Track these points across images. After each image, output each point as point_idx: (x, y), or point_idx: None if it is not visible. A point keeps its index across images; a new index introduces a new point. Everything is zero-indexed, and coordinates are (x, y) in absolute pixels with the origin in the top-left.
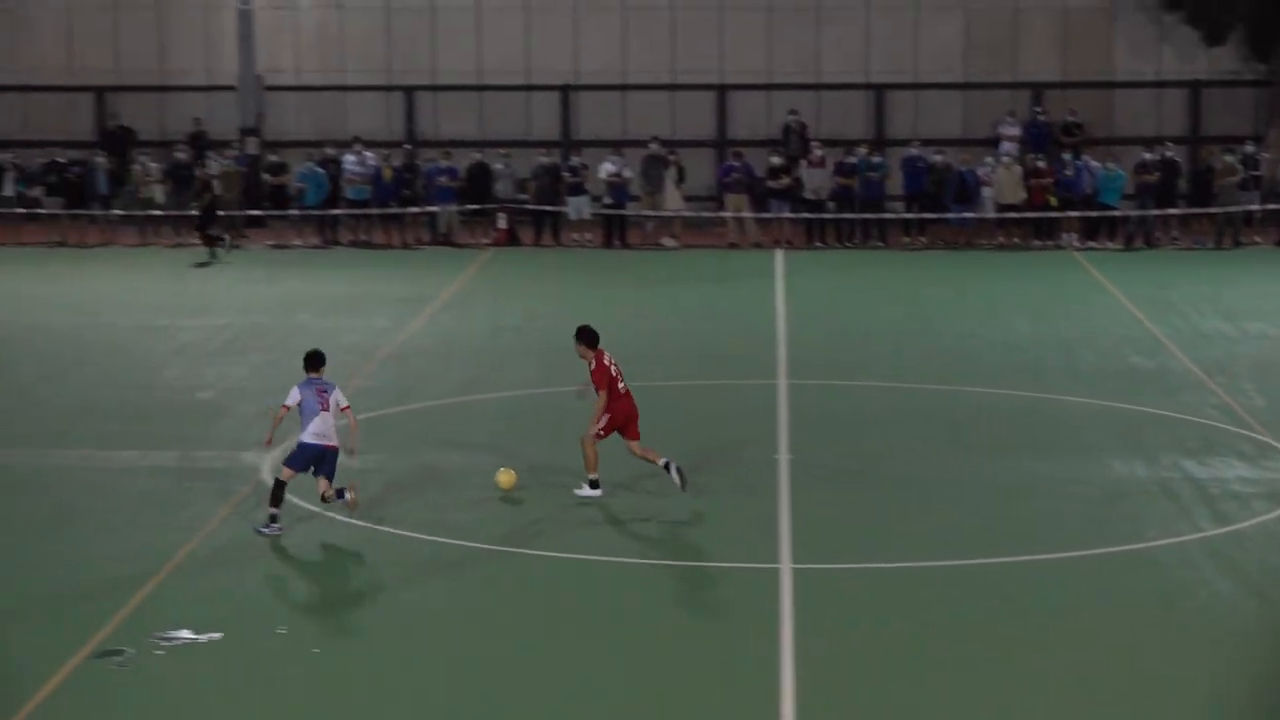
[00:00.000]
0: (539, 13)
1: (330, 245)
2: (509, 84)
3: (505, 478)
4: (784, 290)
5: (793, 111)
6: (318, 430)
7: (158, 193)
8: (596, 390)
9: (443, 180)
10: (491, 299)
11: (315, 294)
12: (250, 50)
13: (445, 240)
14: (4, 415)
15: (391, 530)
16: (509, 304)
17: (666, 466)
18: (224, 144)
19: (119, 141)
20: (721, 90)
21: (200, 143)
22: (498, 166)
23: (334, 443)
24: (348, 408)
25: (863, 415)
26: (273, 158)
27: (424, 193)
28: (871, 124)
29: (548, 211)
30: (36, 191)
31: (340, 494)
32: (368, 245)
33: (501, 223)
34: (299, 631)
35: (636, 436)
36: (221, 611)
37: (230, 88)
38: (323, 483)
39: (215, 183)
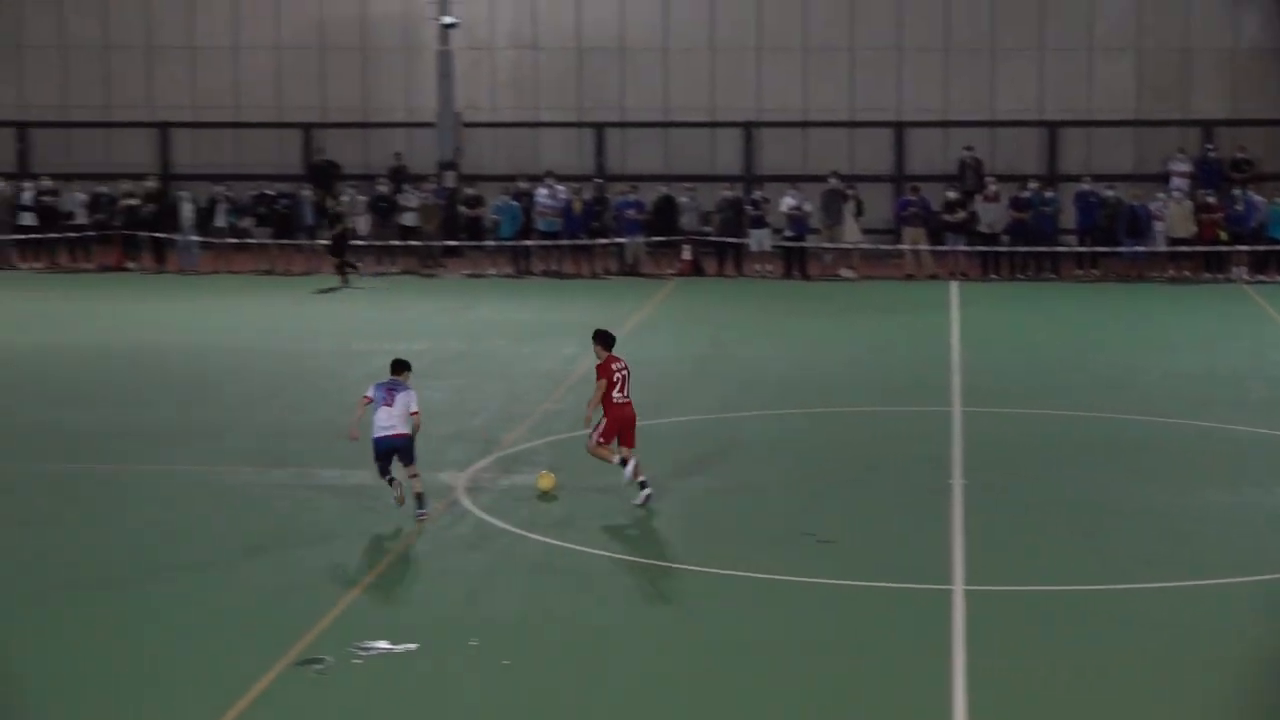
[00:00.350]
0: (724, 53)
1: (523, 275)
2: (694, 121)
3: (545, 481)
4: (959, 320)
5: (968, 148)
6: (383, 423)
7: (361, 223)
8: (596, 379)
9: (630, 213)
10: (675, 327)
11: (508, 321)
12: (449, 89)
13: (632, 270)
14: (221, 435)
15: (577, 547)
16: (692, 332)
17: (640, 479)
18: (423, 177)
19: (325, 174)
20: (899, 127)
21: (400, 176)
22: (683, 200)
23: (402, 430)
24: (417, 413)
25: (1036, 442)
26: (469, 191)
27: (612, 225)
28: (1045, 160)
29: (730, 243)
30: (247, 222)
31: (392, 481)
32: (558, 275)
33: (686, 254)
34: (490, 644)
35: (632, 444)
36: (417, 623)
37: (430, 124)
38: (402, 470)
39: (346, 214)
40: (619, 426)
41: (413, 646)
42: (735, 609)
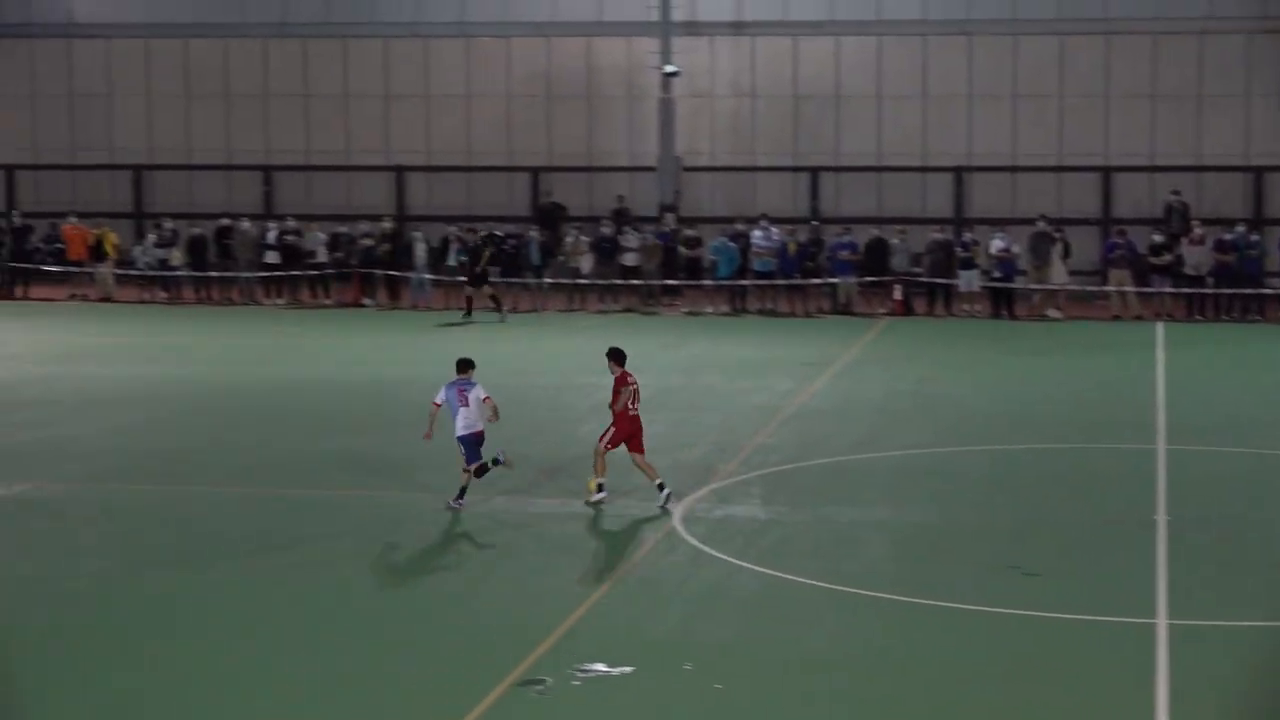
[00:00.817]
0: (935, 100)
1: (739, 313)
2: (906, 165)
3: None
4: (1164, 360)
5: (1174, 191)
6: (464, 423)
7: (584, 263)
8: (613, 395)
9: (843, 254)
10: (886, 364)
11: (724, 357)
12: (670, 134)
13: (844, 309)
14: (447, 465)
15: (790, 577)
16: (902, 369)
17: (660, 486)
18: (644, 219)
19: (551, 216)
20: (1106, 172)
21: (622, 218)
22: (894, 242)
23: (480, 427)
24: (488, 398)
25: (1241, 480)
26: (688, 232)
27: (826, 265)
28: (1250, 204)
29: (940, 284)
30: None
31: (497, 460)
32: (773, 313)
33: (897, 294)
34: (704, 668)
35: (641, 450)
36: (633, 647)
37: (651, 168)
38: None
39: (487, 250)
40: (625, 435)
41: (629, 669)
42: (942, 639)
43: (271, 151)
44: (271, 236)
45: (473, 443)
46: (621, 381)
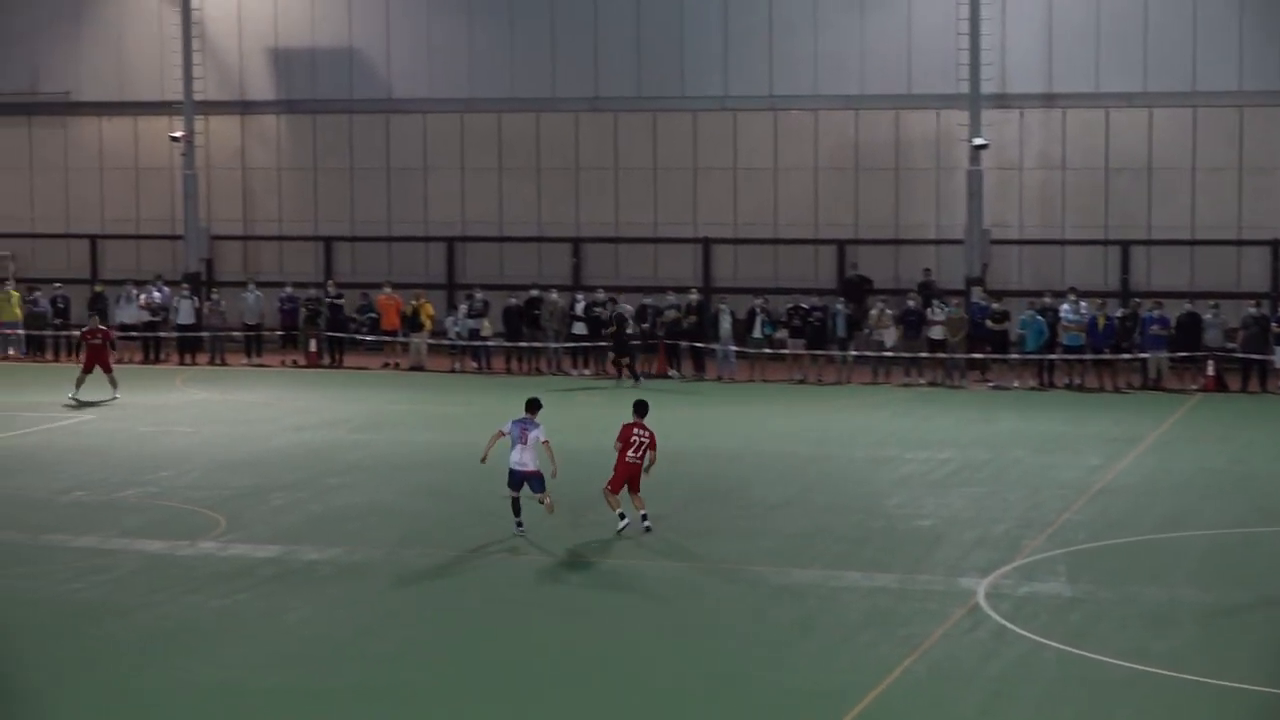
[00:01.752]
0: (1251, 172)
1: (1046, 388)
2: (1220, 239)
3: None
4: None
5: None
6: (516, 459)
7: (889, 336)
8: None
9: (1155, 329)
10: (1197, 441)
11: (1031, 432)
12: (978, 207)
13: (1155, 385)
14: (751, 534)
15: (1096, 657)
16: (1214, 448)
17: (644, 517)
18: (951, 292)
19: (857, 289)
20: None
21: (929, 291)
22: (1207, 316)
23: (533, 468)
24: (547, 442)
25: None
26: (995, 306)
27: (1136, 340)
28: None
29: (1255, 360)
30: (782, 334)
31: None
32: (1081, 388)
33: (1210, 370)
34: None
35: (638, 490)
36: None
37: (958, 241)
38: (542, 497)
39: (629, 319)
40: (624, 478)
41: None
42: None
43: (581, 223)
44: (579, 308)
45: (522, 478)
46: (627, 431)
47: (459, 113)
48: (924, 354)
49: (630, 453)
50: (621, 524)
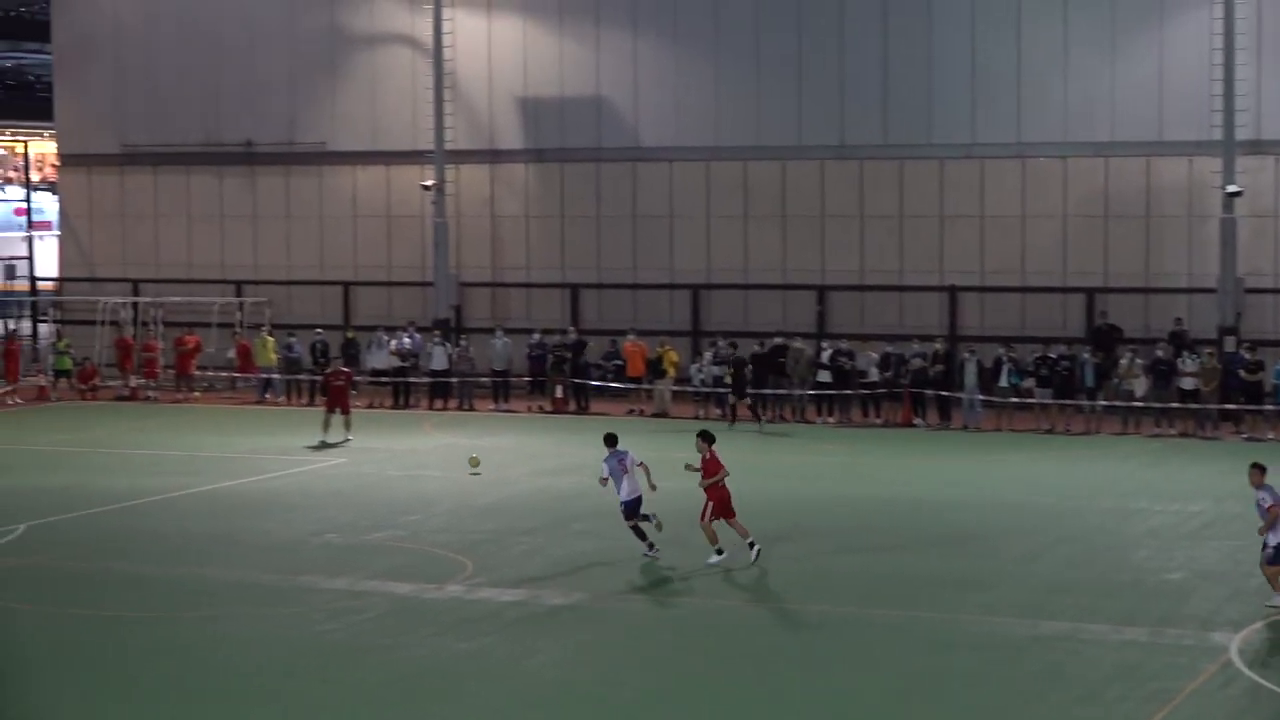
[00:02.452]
0: None
1: None
2: None
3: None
4: None
5: None
6: (628, 489)
7: (1139, 385)
8: (705, 475)
9: None
10: None
11: None
12: (1232, 255)
13: None
14: (994, 585)
15: None
16: None
17: (751, 544)
18: (1203, 342)
19: (1106, 338)
20: None
21: (1180, 341)
22: None
23: (640, 493)
24: (642, 464)
25: None
26: (1250, 355)
27: None
28: None
29: None
30: (1029, 383)
31: (649, 517)
32: None
33: None
34: None
35: (734, 514)
36: None
37: (1210, 290)
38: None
39: (747, 363)
40: (722, 503)
41: None
42: None
43: (826, 271)
44: (825, 356)
45: (636, 505)
46: (713, 459)
47: (705, 161)
48: (1175, 404)
49: (722, 476)
50: (717, 558)
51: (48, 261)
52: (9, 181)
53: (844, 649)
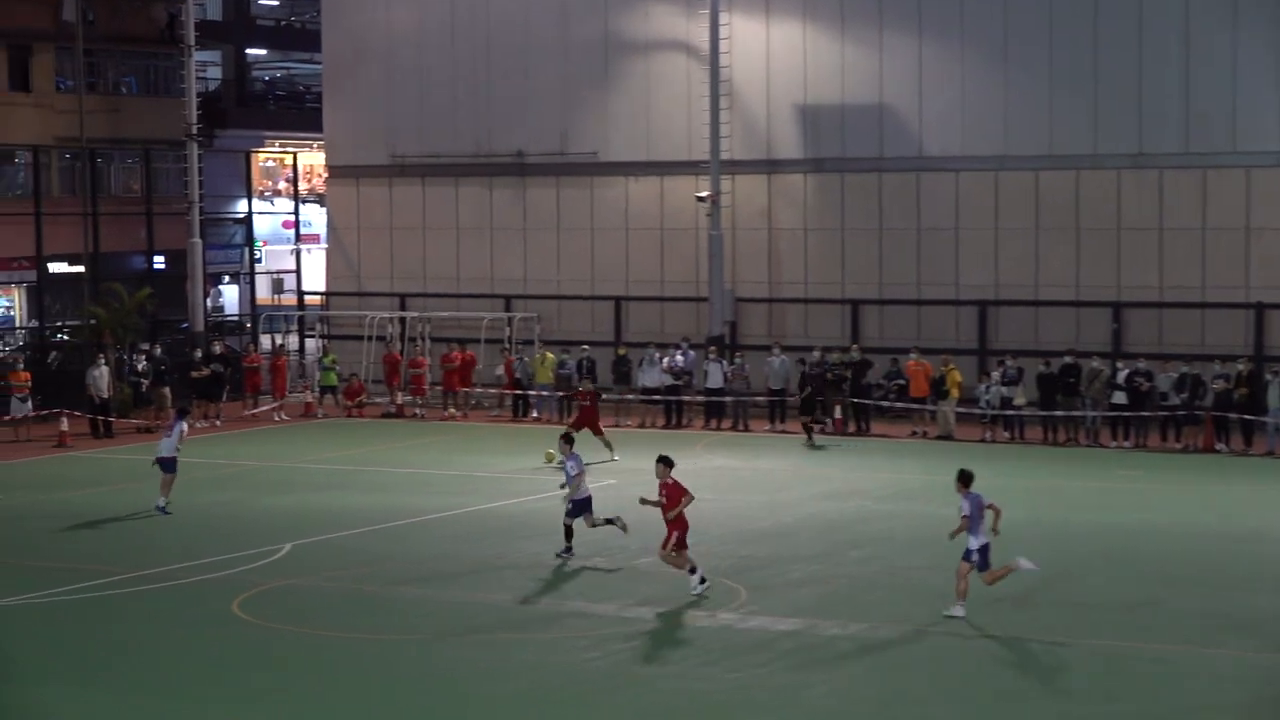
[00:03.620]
0: None
1: None
2: None
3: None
4: None
5: None
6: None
7: None
8: (670, 505)
9: None
10: None
11: None
12: None
13: None
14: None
15: None
16: None
17: (692, 570)
18: None
19: None
20: None
21: None
22: None
23: (590, 494)
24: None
25: None
26: None
27: None
28: None
29: None
30: None
31: (610, 521)
32: None
33: None
34: None
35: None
36: None
37: None
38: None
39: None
40: (684, 529)
41: None
42: None
43: (1122, 287)
44: (1121, 376)
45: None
46: (675, 486)
47: (993, 170)
48: None
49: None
50: (700, 586)
51: (315, 275)
52: (278, 194)
53: (1095, 684)
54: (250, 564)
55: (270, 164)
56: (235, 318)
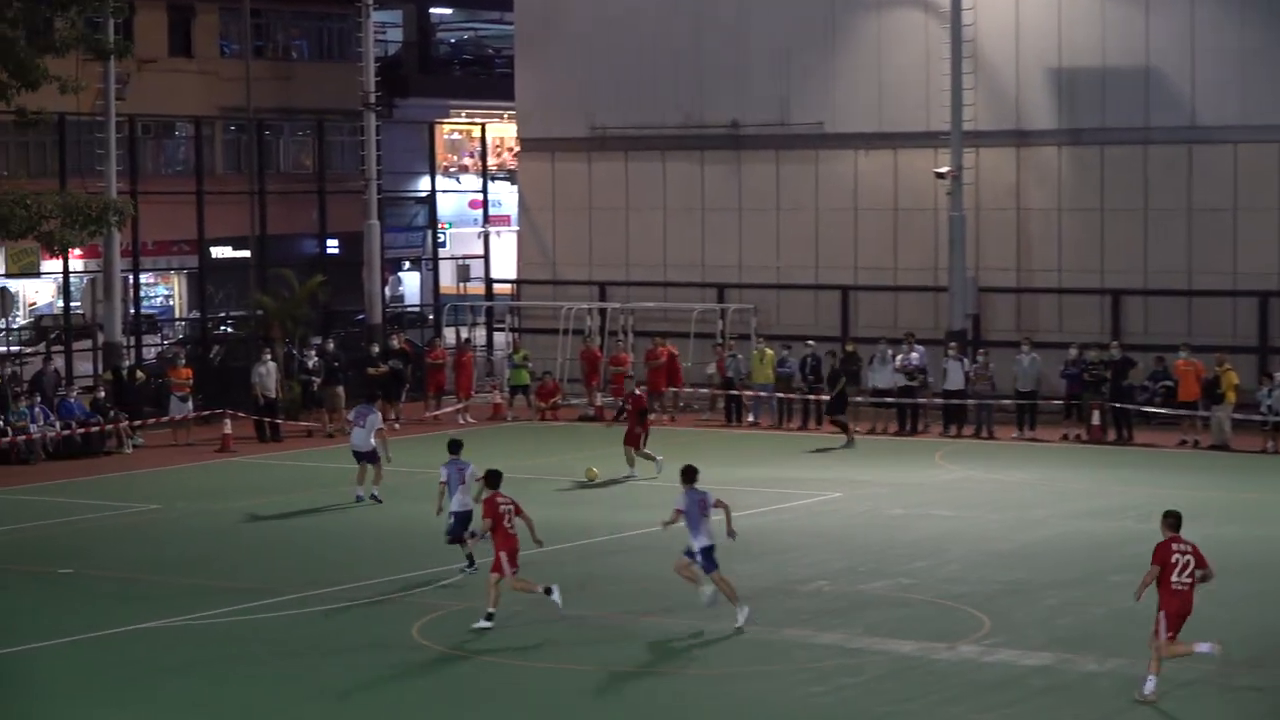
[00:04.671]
0: None
1: None
2: None
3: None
4: None
5: None
6: (459, 501)
7: None
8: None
9: None
10: None
11: None
12: None
13: None
14: None
15: None
16: None
17: (548, 590)
18: None
19: None
20: None
21: None
22: None
23: (471, 508)
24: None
25: None
26: None
27: None
28: None
29: None
30: None
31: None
32: None
33: None
34: None
35: (516, 568)
36: None
37: None
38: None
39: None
40: (510, 551)
41: None
42: None
43: None
44: None
45: (464, 520)
46: (490, 503)
47: (1277, 142)
48: None
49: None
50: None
51: (505, 261)
52: (464, 170)
53: None
54: (431, 584)
55: (456, 136)
56: (416, 309)
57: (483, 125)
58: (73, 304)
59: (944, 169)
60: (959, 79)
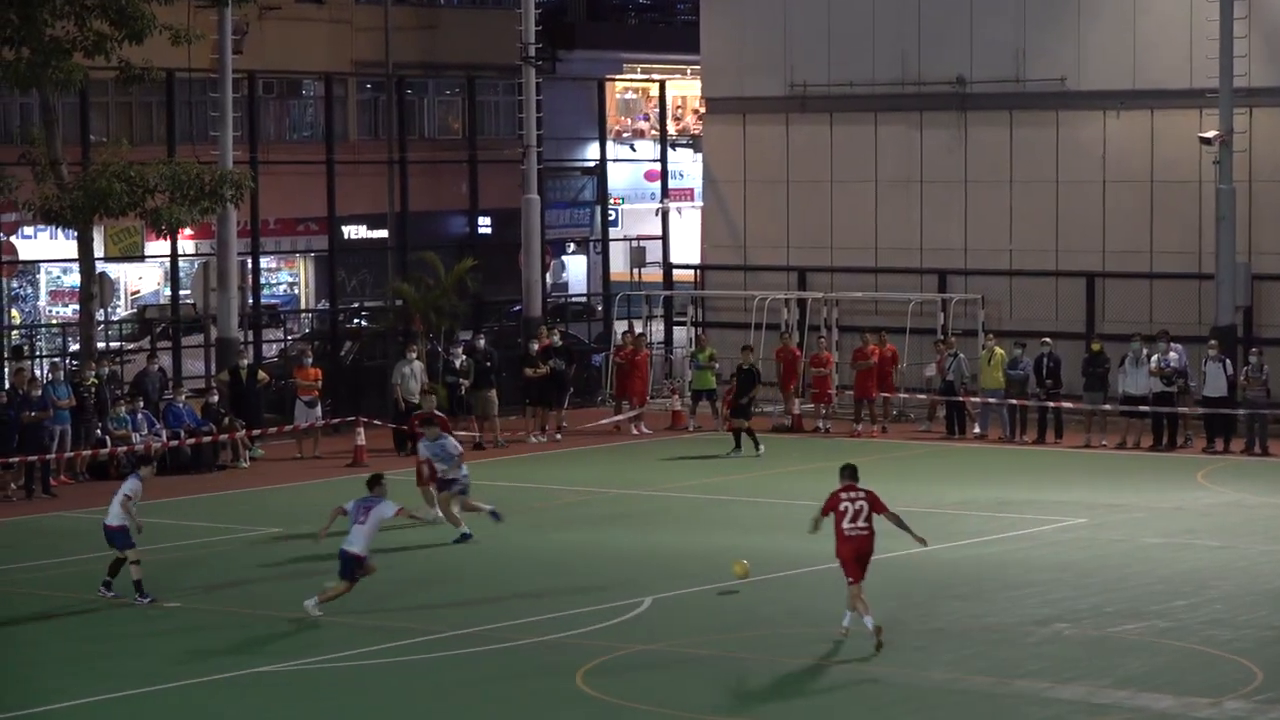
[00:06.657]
0: None
1: None
2: None
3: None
4: None
5: None
6: (362, 541)
7: None
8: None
9: None
10: None
11: None
12: None
13: None
14: None
15: None
16: None
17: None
18: None
19: None
20: None
21: None
22: None
23: (362, 554)
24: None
25: None
26: None
27: None
28: None
29: None
30: None
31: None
32: None
33: None
34: None
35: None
36: None
37: None
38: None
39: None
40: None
41: None
42: None
43: None
44: None
45: (353, 561)
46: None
47: None
48: None
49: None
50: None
51: (687, 243)
52: (639, 136)
53: None
54: (599, 623)
55: (630, 96)
56: (582, 299)
57: (661, 83)
58: (182, 293)
59: (1211, 133)
60: (1229, 26)
